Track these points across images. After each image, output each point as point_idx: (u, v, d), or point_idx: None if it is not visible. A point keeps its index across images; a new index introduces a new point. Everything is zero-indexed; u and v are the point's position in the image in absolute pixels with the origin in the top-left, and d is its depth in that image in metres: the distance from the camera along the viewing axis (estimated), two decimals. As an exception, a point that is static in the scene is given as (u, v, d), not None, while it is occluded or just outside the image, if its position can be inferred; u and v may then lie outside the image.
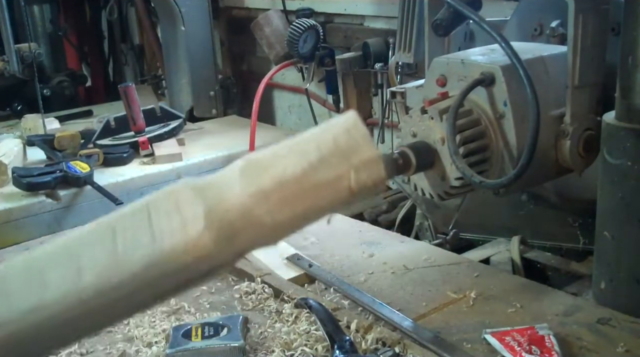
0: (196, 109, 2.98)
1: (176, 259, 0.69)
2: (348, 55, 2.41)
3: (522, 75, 1.20)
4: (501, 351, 1.09)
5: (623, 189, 1.17)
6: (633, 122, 1.15)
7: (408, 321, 1.19)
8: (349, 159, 0.70)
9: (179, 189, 0.72)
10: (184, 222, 0.69)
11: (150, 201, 0.72)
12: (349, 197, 0.71)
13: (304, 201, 0.71)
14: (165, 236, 0.69)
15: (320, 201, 0.71)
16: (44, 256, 0.72)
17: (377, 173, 0.71)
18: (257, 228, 0.71)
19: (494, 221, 1.69)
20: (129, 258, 0.69)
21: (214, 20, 3.00)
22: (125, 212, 0.73)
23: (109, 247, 0.70)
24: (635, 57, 1.14)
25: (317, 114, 2.85)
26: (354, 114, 0.73)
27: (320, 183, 0.70)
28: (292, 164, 0.71)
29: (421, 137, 1.31)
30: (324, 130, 0.73)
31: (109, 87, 3.95)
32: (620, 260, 1.20)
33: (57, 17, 3.63)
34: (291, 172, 0.70)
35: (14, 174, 2.13)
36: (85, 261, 0.70)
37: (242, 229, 0.70)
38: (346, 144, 0.71)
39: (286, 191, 0.70)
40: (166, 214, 0.70)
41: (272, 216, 0.70)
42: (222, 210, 0.70)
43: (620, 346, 1.09)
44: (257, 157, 0.73)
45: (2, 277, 0.71)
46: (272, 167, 0.71)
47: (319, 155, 0.71)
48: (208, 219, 0.69)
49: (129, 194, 2.24)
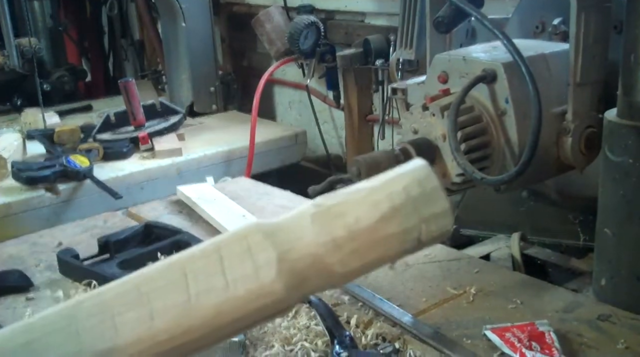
0: (196, 104, 2.98)
1: (248, 305, 0.70)
2: (349, 52, 2.41)
3: (524, 72, 1.20)
4: (501, 347, 1.09)
5: (624, 186, 1.17)
6: (635, 120, 1.15)
7: (408, 316, 1.19)
8: (419, 211, 0.70)
9: (249, 232, 0.72)
10: (257, 269, 0.69)
11: (221, 243, 0.72)
12: (417, 247, 0.72)
13: (374, 252, 0.71)
14: (238, 282, 0.69)
15: (390, 252, 0.71)
16: (116, 297, 0.72)
17: (446, 225, 0.71)
18: (326, 276, 0.71)
19: (494, 218, 1.69)
20: (201, 304, 0.69)
21: (214, 16, 3.00)
22: (196, 254, 0.72)
23: (182, 292, 0.70)
24: (637, 54, 1.14)
25: (318, 110, 2.85)
26: (425, 164, 0.72)
27: (392, 235, 0.70)
28: (364, 214, 0.70)
29: (422, 134, 1.31)
30: (395, 178, 0.72)
31: (109, 82, 3.94)
32: (620, 257, 1.21)
33: (57, 12, 3.63)
34: (364, 223, 0.70)
35: (13, 168, 2.14)
36: (157, 305, 0.70)
37: (313, 276, 0.71)
38: (417, 196, 0.70)
39: (358, 241, 0.70)
40: (239, 259, 0.70)
41: (342, 265, 0.70)
42: (294, 257, 0.70)
43: (620, 343, 1.09)
44: (329, 204, 0.72)
45: (73, 316, 0.71)
46: (344, 216, 0.70)
47: (391, 206, 0.70)
48: (280, 266, 0.69)
49: (128, 188, 2.24)
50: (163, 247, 1.47)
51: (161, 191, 2.14)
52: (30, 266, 1.49)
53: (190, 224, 1.68)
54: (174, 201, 1.83)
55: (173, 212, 1.77)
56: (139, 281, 0.72)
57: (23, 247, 1.60)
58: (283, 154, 2.66)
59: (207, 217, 1.67)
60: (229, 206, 1.72)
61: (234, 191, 1.88)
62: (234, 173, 2.36)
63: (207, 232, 1.61)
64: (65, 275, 1.44)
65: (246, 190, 1.90)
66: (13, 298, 1.36)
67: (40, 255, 1.55)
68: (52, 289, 1.38)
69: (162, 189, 2.21)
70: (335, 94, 2.67)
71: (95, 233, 1.62)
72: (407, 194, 0.70)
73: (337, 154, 2.89)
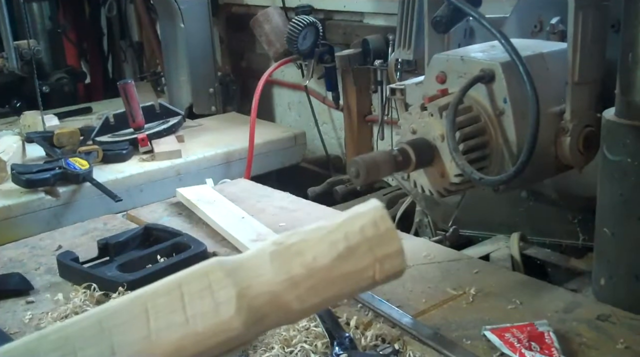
0: (195, 106, 2.97)
1: (208, 340, 0.72)
2: (347, 52, 2.41)
3: (522, 72, 1.19)
4: (501, 348, 1.09)
5: (623, 185, 1.17)
6: (633, 119, 1.15)
7: (407, 317, 1.19)
8: (374, 251, 0.73)
9: (211, 269, 0.74)
10: (217, 305, 0.72)
11: (182, 280, 0.74)
12: (372, 285, 0.75)
13: (330, 289, 0.74)
14: (198, 319, 0.72)
15: (346, 289, 0.75)
16: (79, 331, 0.73)
17: (399, 265, 0.74)
18: (284, 312, 0.74)
19: (493, 218, 1.69)
20: (161, 339, 0.71)
21: (213, 17, 3.00)
22: (157, 290, 0.74)
23: (142, 328, 0.72)
24: (635, 54, 1.14)
25: (317, 111, 2.85)
26: (380, 206, 0.75)
27: (347, 273, 0.73)
28: (321, 253, 0.73)
29: (421, 134, 1.31)
30: (352, 218, 0.75)
31: (108, 84, 3.94)
32: (619, 257, 1.20)
33: (56, 14, 3.63)
34: (321, 262, 0.73)
35: (13, 170, 2.13)
36: (118, 340, 0.71)
37: (270, 312, 0.73)
38: (373, 236, 0.74)
39: (315, 279, 0.73)
40: (199, 296, 0.72)
41: (300, 302, 0.73)
42: (253, 294, 0.72)
43: (620, 343, 1.09)
44: (288, 243, 0.75)
45: (34, 350, 0.73)
46: (302, 255, 0.74)
47: (347, 246, 0.73)
48: (239, 303, 0.72)
49: (128, 190, 2.24)
50: (163, 250, 1.47)
51: (161, 193, 2.14)
52: (30, 269, 1.49)
53: (190, 226, 1.68)
54: (173, 203, 1.83)
55: (172, 215, 1.77)
56: (102, 316, 0.74)
57: (23, 251, 1.60)
58: (282, 156, 2.66)
59: (207, 219, 1.67)
60: (229, 208, 1.72)
61: (233, 192, 1.88)
62: (233, 175, 2.36)
63: (207, 234, 1.61)
64: (65, 278, 1.44)
65: (246, 192, 1.90)
66: (13, 301, 1.36)
67: (40, 258, 1.55)
68: (52, 293, 1.38)
69: (162, 191, 2.21)
70: (334, 95, 2.67)
71: (95, 236, 1.62)
72: (362, 234, 0.74)
73: (337, 154, 2.89)
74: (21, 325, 1.27)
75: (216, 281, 0.73)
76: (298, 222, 1.65)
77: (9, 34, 2.81)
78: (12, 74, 3.04)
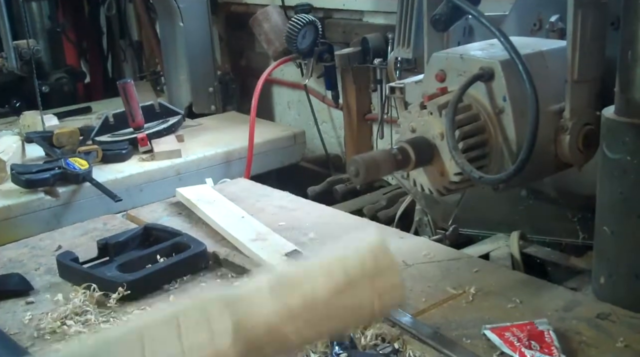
0: (195, 105, 2.97)
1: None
2: (347, 51, 2.41)
3: (521, 70, 1.19)
4: (501, 347, 1.09)
5: (622, 183, 1.17)
6: (632, 117, 1.15)
7: (407, 316, 1.19)
8: (374, 283, 0.73)
9: (209, 301, 0.74)
10: (213, 336, 0.71)
11: (180, 310, 0.74)
12: (371, 319, 0.77)
13: (329, 322, 0.74)
14: (194, 350, 0.71)
15: (344, 323, 0.75)
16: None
17: (399, 297, 0.75)
18: (282, 344, 0.73)
19: (493, 217, 1.69)
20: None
21: (212, 16, 2.99)
22: (155, 320, 0.74)
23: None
24: (634, 51, 1.14)
25: (316, 110, 2.84)
26: (381, 239, 0.75)
27: (346, 307, 0.73)
28: (320, 286, 0.73)
29: (420, 133, 1.31)
30: (352, 251, 0.75)
31: (108, 84, 3.94)
32: (619, 255, 1.20)
33: (55, 14, 3.62)
34: (319, 295, 0.73)
35: (12, 171, 2.13)
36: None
37: (268, 344, 0.73)
38: (372, 269, 0.73)
39: (313, 312, 0.73)
40: (196, 327, 0.72)
41: (297, 334, 0.73)
42: (250, 326, 0.72)
43: (619, 341, 1.09)
44: (287, 275, 0.75)
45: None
46: (301, 287, 0.73)
47: (347, 279, 0.73)
48: (236, 334, 0.71)
49: (127, 190, 2.24)
50: (162, 250, 1.47)
51: (160, 193, 2.14)
52: (29, 270, 1.50)
53: (190, 225, 1.68)
54: (173, 203, 1.83)
55: (172, 214, 1.77)
56: (97, 344, 0.74)
57: (23, 251, 1.60)
58: (282, 155, 2.66)
59: (207, 219, 1.67)
60: (229, 208, 1.72)
61: (233, 192, 1.88)
62: (233, 174, 2.36)
63: (207, 234, 1.61)
64: (65, 278, 1.44)
65: (245, 191, 1.90)
66: (13, 302, 1.36)
67: (39, 258, 1.55)
68: (52, 293, 1.38)
69: (162, 191, 2.21)
70: (334, 94, 2.67)
71: (95, 236, 1.62)
72: (362, 267, 0.73)
73: (336, 153, 2.88)
74: (21, 325, 1.27)
75: (214, 313, 0.72)
76: (297, 222, 1.65)
77: (8, 33, 2.81)
78: (12, 74, 3.03)
